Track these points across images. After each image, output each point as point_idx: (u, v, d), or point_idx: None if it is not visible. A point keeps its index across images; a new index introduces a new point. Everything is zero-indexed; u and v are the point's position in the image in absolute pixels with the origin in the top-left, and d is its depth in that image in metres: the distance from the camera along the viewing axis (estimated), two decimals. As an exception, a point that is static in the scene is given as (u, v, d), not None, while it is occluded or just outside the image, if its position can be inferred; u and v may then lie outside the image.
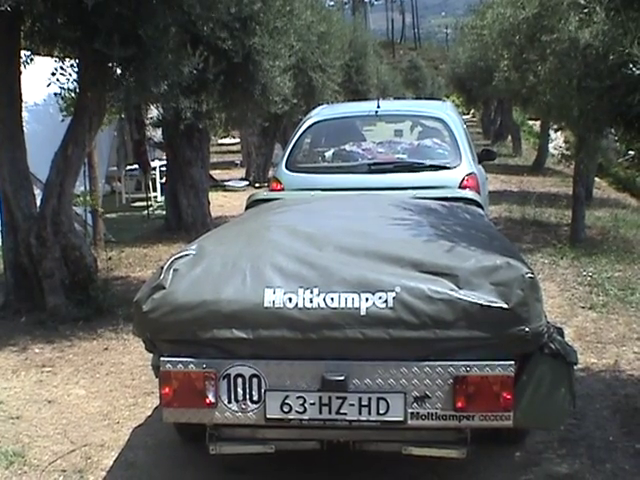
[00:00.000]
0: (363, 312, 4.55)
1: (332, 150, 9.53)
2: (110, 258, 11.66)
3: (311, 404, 4.62)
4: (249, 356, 4.65)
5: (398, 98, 31.99)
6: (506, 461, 5.67)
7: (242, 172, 24.96)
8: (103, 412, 6.69)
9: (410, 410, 4.59)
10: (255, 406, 4.66)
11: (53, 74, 8.98)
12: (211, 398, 4.65)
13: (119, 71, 8.77)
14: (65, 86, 9.17)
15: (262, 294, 4.64)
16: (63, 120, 9.80)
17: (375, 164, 9.04)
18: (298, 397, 4.63)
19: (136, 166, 18.92)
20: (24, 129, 9.29)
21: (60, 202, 9.23)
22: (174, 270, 4.87)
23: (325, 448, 4.99)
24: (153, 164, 19.27)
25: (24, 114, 9.34)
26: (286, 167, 9.23)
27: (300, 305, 4.59)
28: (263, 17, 11.45)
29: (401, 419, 4.60)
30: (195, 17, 8.78)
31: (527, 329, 4.55)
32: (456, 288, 4.59)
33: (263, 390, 4.64)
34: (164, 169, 16.96)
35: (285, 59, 12.99)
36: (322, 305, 4.58)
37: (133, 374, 7.61)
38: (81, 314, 9.12)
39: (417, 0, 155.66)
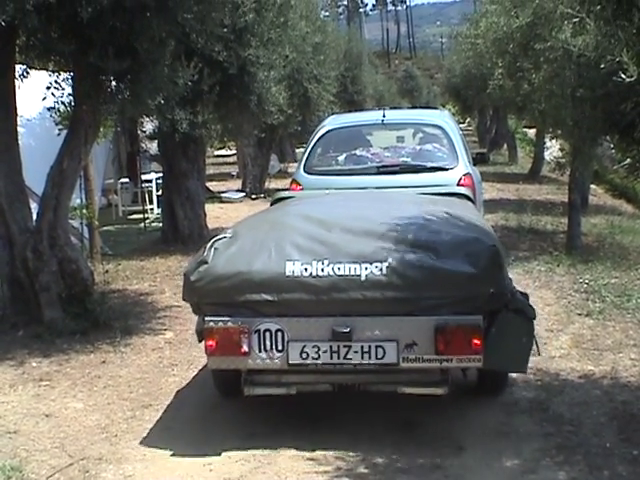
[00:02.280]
0: (363, 278, 5.90)
1: (344, 155, 10.55)
2: (107, 271, 11.66)
3: (324, 351, 5.91)
4: (274, 314, 5.98)
5: (394, 107, 32.13)
6: (503, 468, 5.67)
7: (238, 183, 24.99)
8: (101, 425, 6.68)
9: (402, 355, 5.85)
10: (280, 354, 5.96)
11: (48, 88, 8.99)
12: (245, 348, 5.94)
13: (114, 84, 8.78)
14: (60, 100, 9.17)
15: (284, 266, 6.02)
16: (59, 134, 9.80)
17: (383, 166, 10.14)
18: (313, 346, 5.93)
19: (127, 179, 18.95)
20: (19, 142, 9.29)
21: (56, 215, 9.24)
22: (214, 249, 6.27)
23: (336, 390, 6.29)
24: (149, 176, 19.29)
25: (19, 128, 9.35)
26: (304, 170, 10.35)
27: (314, 273, 5.97)
28: (257, 28, 11.51)
29: (395, 362, 5.87)
30: (190, 29, 8.81)
31: (492, 290, 5.91)
32: (435, 258, 5.95)
33: (286, 341, 5.94)
34: (160, 181, 16.95)
35: (280, 70, 13.07)
36: (331, 273, 5.95)
37: (131, 387, 7.60)
38: (78, 327, 9.10)
39: (412, 10, 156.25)
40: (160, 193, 17.10)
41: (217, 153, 37.31)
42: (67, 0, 7.65)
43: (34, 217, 9.35)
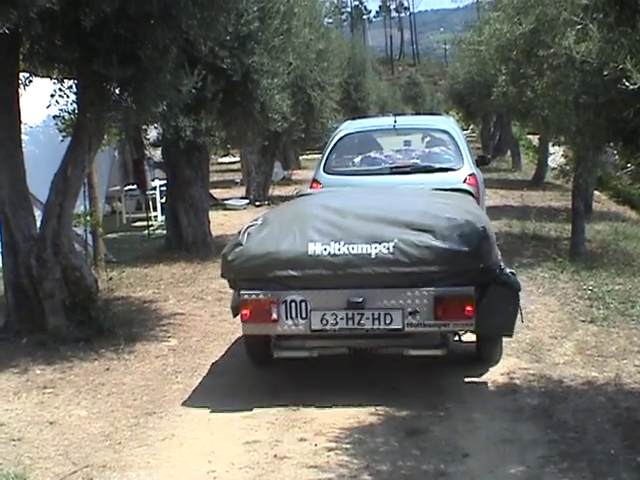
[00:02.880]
0: (373, 256, 7.04)
1: (360, 157, 11.70)
2: (111, 278, 11.66)
3: (340, 319, 7.03)
4: (299, 288, 7.09)
5: (397, 114, 32.33)
6: (508, 475, 5.67)
7: (242, 191, 24.95)
8: (105, 433, 6.69)
9: (406, 321, 6.97)
10: (303, 321, 7.07)
11: (52, 95, 9.00)
12: (274, 316, 7.04)
13: (118, 91, 8.79)
14: (64, 107, 9.18)
15: (306, 246, 7.16)
16: (62, 141, 9.81)
17: (395, 167, 11.26)
18: (332, 314, 7.04)
19: (135, 186, 18.93)
20: (23, 150, 9.31)
21: (60, 223, 9.25)
22: (248, 233, 7.46)
23: (352, 353, 7.61)
24: (153, 184, 19.27)
25: (23, 135, 9.36)
26: (324, 171, 11.46)
27: (332, 252, 7.10)
28: (261, 36, 11.51)
29: (400, 327, 7.00)
30: (194, 37, 8.81)
31: (482, 265, 7.05)
32: (434, 239, 7.07)
33: (308, 310, 7.04)
34: (164, 189, 16.95)
35: (284, 77, 13.06)
36: (346, 252, 7.08)
37: (134, 394, 7.60)
38: (82, 335, 9.10)
39: (415, 16, 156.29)
40: (164, 200, 17.09)
41: (221, 160, 37.25)
42: (71, 8, 7.66)
43: (38, 224, 9.35)
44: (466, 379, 7.77)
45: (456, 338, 7.61)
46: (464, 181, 10.66)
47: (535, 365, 8.02)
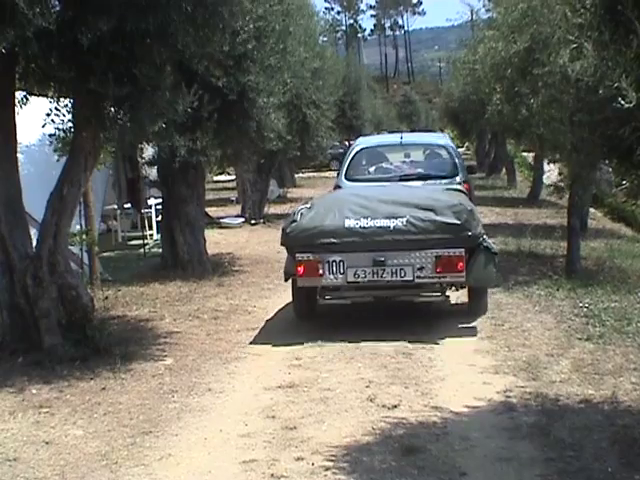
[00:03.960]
0: (391, 228, 9.92)
1: (374, 167, 14.92)
2: (107, 297, 11.66)
3: (368, 273, 9.88)
4: (338, 251, 9.90)
5: (392, 132, 32.50)
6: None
7: (238, 209, 24.98)
8: (101, 452, 6.65)
9: (416, 274, 9.79)
10: (341, 276, 9.88)
11: (48, 114, 9.00)
12: (320, 272, 9.88)
13: (114, 110, 8.79)
14: (60, 126, 9.18)
15: (343, 221, 10.04)
16: (58, 160, 9.81)
17: (404, 175, 14.00)
18: (362, 270, 9.88)
19: (129, 205, 18.92)
20: (19, 169, 9.30)
21: (56, 242, 9.24)
22: (300, 213, 10.32)
23: (375, 300, 10.72)
24: (148, 202, 19.26)
25: (19, 154, 9.36)
26: (345, 178, 14.04)
27: (362, 225, 9.99)
28: (257, 55, 11.54)
29: (411, 279, 9.84)
30: (190, 55, 8.82)
31: (469, 233, 9.96)
32: (435, 215, 9.94)
33: (345, 267, 9.85)
34: (160, 207, 16.94)
35: (279, 96, 13.08)
36: (372, 225, 9.97)
37: (131, 413, 7.57)
38: (78, 354, 9.07)
39: (410, 34, 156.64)
40: (160, 219, 17.09)
41: (216, 178, 37.33)
42: (67, 27, 7.67)
43: (34, 243, 9.34)
44: (459, 325, 10.55)
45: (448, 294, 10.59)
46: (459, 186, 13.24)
47: (532, 383, 8.01)
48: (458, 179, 13.50)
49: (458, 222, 9.85)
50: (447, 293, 10.52)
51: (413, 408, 7.43)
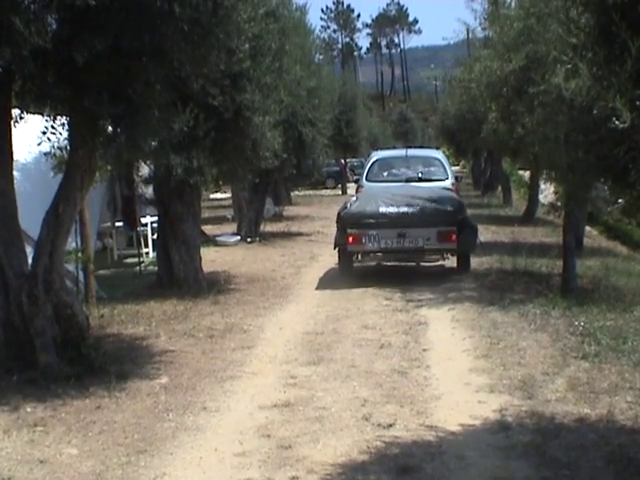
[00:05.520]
0: (409, 213, 15.37)
1: (386, 172, 20.50)
2: (102, 315, 11.64)
3: (394, 242, 15.34)
4: (375, 227, 15.29)
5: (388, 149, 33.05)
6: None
7: (234, 227, 24.96)
8: (96, 472, 6.63)
9: (425, 244, 15.31)
10: (377, 244, 15.40)
11: (44, 132, 9.01)
12: (363, 241, 15.34)
13: (110, 128, 8.80)
14: (56, 144, 9.18)
15: (378, 208, 15.50)
16: (54, 176, 9.80)
17: (408, 178, 19.38)
18: (390, 240, 15.31)
19: (121, 223, 18.84)
20: (15, 186, 9.30)
21: (52, 260, 9.24)
22: (350, 203, 16.29)
23: (397, 262, 17.44)
24: (144, 220, 19.24)
25: (15, 172, 9.36)
26: (365, 180, 19.77)
27: (390, 211, 15.41)
28: (253, 73, 11.58)
29: (422, 246, 15.44)
30: (185, 74, 8.84)
31: (460, 217, 15.58)
32: (437, 205, 15.57)
33: (379, 238, 15.30)
34: (155, 225, 16.93)
35: (275, 114, 13.11)
36: (397, 211, 15.41)
37: (126, 432, 7.55)
38: (73, 372, 9.04)
39: (406, 53, 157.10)
40: (155, 237, 17.07)
41: (212, 196, 37.33)
42: (63, 45, 7.69)
43: (30, 261, 9.34)
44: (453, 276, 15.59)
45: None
46: (450, 186, 19.02)
47: (527, 402, 8.01)
48: (448, 182, 19.20)
49: (452, 209, 15.53)
50: (442, 262, 16.86)
51: (408, 427, 7.43)
